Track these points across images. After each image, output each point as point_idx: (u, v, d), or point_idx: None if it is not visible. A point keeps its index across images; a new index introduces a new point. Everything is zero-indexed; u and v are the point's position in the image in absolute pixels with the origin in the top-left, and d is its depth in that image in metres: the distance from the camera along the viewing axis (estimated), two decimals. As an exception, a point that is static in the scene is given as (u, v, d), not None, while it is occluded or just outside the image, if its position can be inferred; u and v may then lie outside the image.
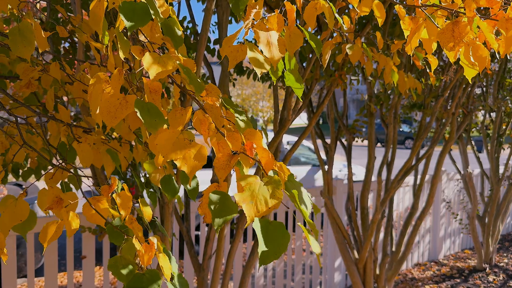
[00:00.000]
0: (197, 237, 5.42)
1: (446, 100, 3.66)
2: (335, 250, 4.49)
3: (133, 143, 1.63)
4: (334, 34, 2.33)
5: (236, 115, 0.92)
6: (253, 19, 0.97)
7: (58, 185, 1.22)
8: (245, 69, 3.48)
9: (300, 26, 1.00)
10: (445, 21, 1.24)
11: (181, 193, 5.34)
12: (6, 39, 2.15)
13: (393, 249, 4.13)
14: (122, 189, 1.06)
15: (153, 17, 0.84)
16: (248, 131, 0.86)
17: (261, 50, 0.97)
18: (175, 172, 2.57)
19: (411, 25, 1.18)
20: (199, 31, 2.94)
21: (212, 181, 2.76)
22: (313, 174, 7.15)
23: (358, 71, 3.34)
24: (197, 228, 5.50)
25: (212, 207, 0.79)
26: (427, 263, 5.69)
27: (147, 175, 2.28)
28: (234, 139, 0.83)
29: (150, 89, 0.82)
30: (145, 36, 0.89)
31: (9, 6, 1.33)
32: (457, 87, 3.55)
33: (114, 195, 1.00)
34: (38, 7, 4.50)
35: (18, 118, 1.80)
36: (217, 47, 3.35)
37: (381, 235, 4.80)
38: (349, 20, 1.62)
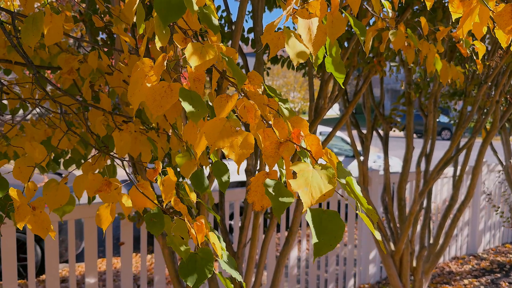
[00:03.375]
0: (229, 226, 5.47)
1: (489, 87, 3.50)
2: (369, 241, 4.42)
3: (170, 133, 1.64)
4: (371, 21, 2.25)
5: (280, 103, 0.90)
6: (294, 6, 0.94)
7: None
8: (279, 57, 3.44)
9: (343, 11, 0.96)
10: (496, 5, 1.16)
11: (215, 182, 5.38)
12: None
13: (431, 241, 4.02)
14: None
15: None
16: (294, 119, 0.84)
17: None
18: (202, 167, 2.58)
19: (459, 8, 1.12)
20: (233, 20, 2.93)
21: (246, 171, 2.76)
22: (346, 165, 7.06)
23: (397, 57, 3.24)
24: (230, 217, 5.54)
25: (271, 193, 0.77)
26: (465, 256, 5.52)
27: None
28: (281, 126, 0.81)
29: (194, 78, 0.81)
30: (185, 22, 0.88)
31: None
32: (501, 74, 3.38)
33: (158, 180, 1.00)
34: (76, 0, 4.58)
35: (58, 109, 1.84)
36: (251, 35, 3.32)
37: (418, 227, 4.69)
38: (390, 5, 1.56)
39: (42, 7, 3.14)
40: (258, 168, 2.69)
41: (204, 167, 1.45)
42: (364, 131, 3.53)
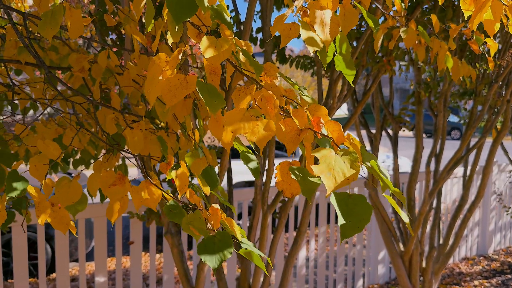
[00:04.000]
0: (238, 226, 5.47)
1: (500, 87, 3.47)
2: (379, 242, 4.40)
3: (179, 132, 1.64)
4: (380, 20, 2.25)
5: (298, 91, 0.90)
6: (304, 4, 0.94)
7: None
8: (287, 57, 3.43)
9: (356, 3, 0.96)
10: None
11: (224, 182, 5.39)
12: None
13: (441, 242, 3.99)
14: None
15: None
16: (312, 106, 0.84)
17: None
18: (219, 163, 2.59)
19: (471, 6, 1.11)
20: (242, 20, 2.93)
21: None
22: (355, 164, 7.04)
23: (407, 56, 3.22)
24: (239, 217, 5.54)
25: (299, 176, 0.78)
26: (475, 257, 5.47)
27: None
28: (300, 115, 0.81)
29: (210, 71, 0.82)
30: (199, 18, 0.88)
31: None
32: (513, 73, 3.34)
33: (173, 174, 1.01)
34: (85, 1, 4.62)
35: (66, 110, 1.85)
36: (259, 35, 3.32)
37: (428, 227, 4.66)
38: (401, 3, 1.55)
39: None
40: (266, 167, 2.69)
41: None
42: (373, 131, 3.51)
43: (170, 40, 0.80)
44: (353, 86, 1.35)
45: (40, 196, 0.88)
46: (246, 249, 1.02)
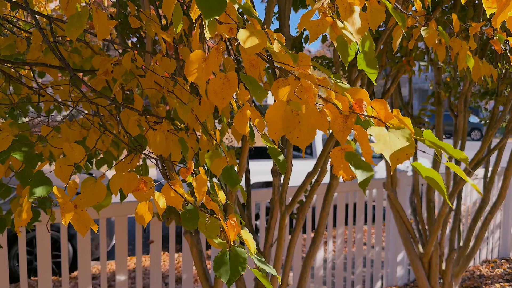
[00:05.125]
0: (255, 226, 5.48)
1: (522, 86, 3.40)
2: (397, 243, 4.36)
3: (199, 133, 1.67)
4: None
5: (332, 79, 0.91)
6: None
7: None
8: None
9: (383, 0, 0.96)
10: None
11: (242, 183, 5.41)
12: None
13: (461, 244, 3.93)
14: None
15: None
16: (351, 90, 0.84)
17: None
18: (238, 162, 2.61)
19: (494, 3, 1.10)
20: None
21: (272, 171, 2.77)
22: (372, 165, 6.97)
23: (426, 56, 3.19)
24: (256, 217, 5.56)
25: (352, 164, 0.80)
26: (496, 260, 5.37)
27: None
28: (341, 100, 0.82)
29: (250, 63, 0.83)
30: (229, 16, 0.90)
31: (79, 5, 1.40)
32: (536, 72, 3.28)
33: (191, 179, 1.03)
34: (105, 4, 4.70)
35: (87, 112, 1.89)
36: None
37: (448, 229, 4.59)
38: (420, 3, 1.54)
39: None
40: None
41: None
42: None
43: (207, 35, 0.81)
44: (375, 84, 1.35)
45: (65, 197, 0.91)
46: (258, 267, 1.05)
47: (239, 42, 0.80)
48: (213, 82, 0.80)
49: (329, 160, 0.92)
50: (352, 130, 0.85)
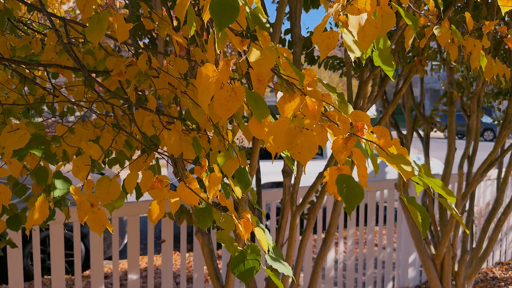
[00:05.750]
0: (265, 227, 5.49)
1: (537, 86, 3.36)
2: (409, 245, 4.33)
3: (211, 134, 1.68)
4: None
5: (334, 96, 0.91)
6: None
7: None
8: (316, 58, 3.43)
9: (394, 4, 0.96)
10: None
11: (252, 183, 5.41)
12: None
13: (474, 245, 3.89)
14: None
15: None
16: (355, 113, 0.85)
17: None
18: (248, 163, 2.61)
19: (509, 1, 1.10)
20: (271, 22, 2.95)
21: (283, 172, 2.77)
22: (383, 166, 6.93)
23: (438, 56, 3.17)
24: (266, 217, 5.56)
25: (342, 190, 0.80)
26: (510, 262, 5.30)
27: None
28: (342, 121, 0.83)
29: (257, 79, 0.84)
30: (239, 25, 0.91)
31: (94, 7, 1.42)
32: (551, 72, 3.23)
33: (204, 177, 1.04)
34: (117, 6, 4.74)
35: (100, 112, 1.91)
36: (287, 37, 3.33)
37: (460, 230, 4.55)
38: (433, 2, 1.53)
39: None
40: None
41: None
42: (404, 132, 3.46)
43: (218, 48, 0.82)
44: (392, 80, 1.35)
45: (81, 197, 0.92)
46: (271, 266, 1.05)
47: (247, 57, 0.81)
48: (219, 93, 0.81)
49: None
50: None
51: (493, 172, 4.90)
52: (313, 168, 3.81)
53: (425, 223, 0.87)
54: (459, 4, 2.67)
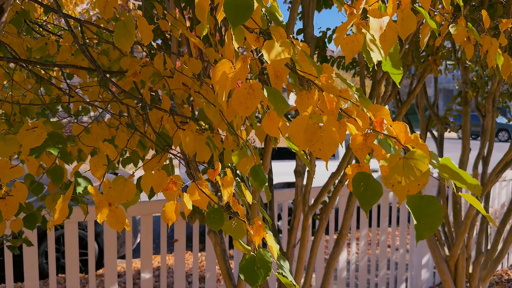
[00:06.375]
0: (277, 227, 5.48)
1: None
2: (422, 246, 4.29)
3: (223, 134, 1.68)
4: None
5: (352, 92, 0.91)
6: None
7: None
8: (328, 58, 3.42)
9: (416, 7, 0.95)
10: None
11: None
12: (109, 38, 2.32)
13: (488, 247, 3.84)
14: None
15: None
16: (373, 107, 0.84)
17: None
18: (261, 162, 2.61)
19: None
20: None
21: (295, 172, 2.77)
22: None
23: (453, 55, 3.13)
24: (278, 218, 5.56)
25: (359, 189, 0.79)
26: (526, 264, 5.22)
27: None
28: (361, 116, 0.82)
29: (275, 74, 0.84)
30: (254, 22, 0.91)
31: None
32: None
33: (218, 179, 1.04)
34: (130, 7, 4.77)
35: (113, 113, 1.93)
36: (300, 37, 3.33)
37: (474, 232, 4.49)
38: (449, 0, 1.52)
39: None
40: (307, 169, 2.69)
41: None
42: (418, 132, 3.43)
43: (236, 45, 0.82)
44: (399, 87, 1.34)
45: (99, 195, 0.94)
46: (281, 273, 1.05)
47: (263, 54, 0.81)
48: (238, 91, 0.81)
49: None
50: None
51: (508, 173, 4.83)
52: (325, 168, 3.80)
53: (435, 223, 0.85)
54: (474, 3, 2.63)
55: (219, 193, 2.70)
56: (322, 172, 3.68)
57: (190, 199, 0.98)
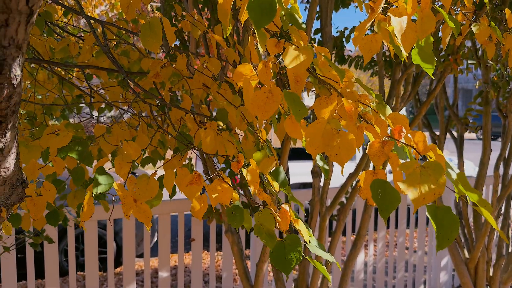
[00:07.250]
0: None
1: None
2: (441, 248, 4.23)
3: (241, 133, 1.69)
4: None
5: (371, 97, 0.90)
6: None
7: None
8: (346, 57, 3.40)
9: (436, 7, 0.94)
10: None
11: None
12: (128, 39, 2.34)
13: (510, 250, 3.76)
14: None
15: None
16: (393, 115, 0.84)
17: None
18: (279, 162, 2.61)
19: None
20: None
21: (312, 172, 2.76)
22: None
23: (474, 54, 3.08)
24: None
25: (377, 196, 0.79)
26: (549, 268, 5.10)
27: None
28: (380, 123, 0.82)
29: (295, 79, 0.84)
30: (275, 25, 0.91)
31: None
32: None
33: (244, 171, 1.05)
34: (149, 9, 4.83)
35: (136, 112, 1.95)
36: (317, 36, 3.31)
37: (495, 234, 4.41)
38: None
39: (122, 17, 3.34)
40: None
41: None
42: (437, 133, 3.39)
43: (261, 49, 0.82)
44: (432, 77, 1.33)
45: (125, 192, 0.95)
46: (310, 257, 1.04)
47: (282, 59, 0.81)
48: (257, 95, 0.81)
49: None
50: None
51: (530, 175, 4.73)
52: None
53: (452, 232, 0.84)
54: (495, 2, 2.59)
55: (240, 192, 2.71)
56: (340, 172, 3.66)
57: (213, 194, 0.99)
